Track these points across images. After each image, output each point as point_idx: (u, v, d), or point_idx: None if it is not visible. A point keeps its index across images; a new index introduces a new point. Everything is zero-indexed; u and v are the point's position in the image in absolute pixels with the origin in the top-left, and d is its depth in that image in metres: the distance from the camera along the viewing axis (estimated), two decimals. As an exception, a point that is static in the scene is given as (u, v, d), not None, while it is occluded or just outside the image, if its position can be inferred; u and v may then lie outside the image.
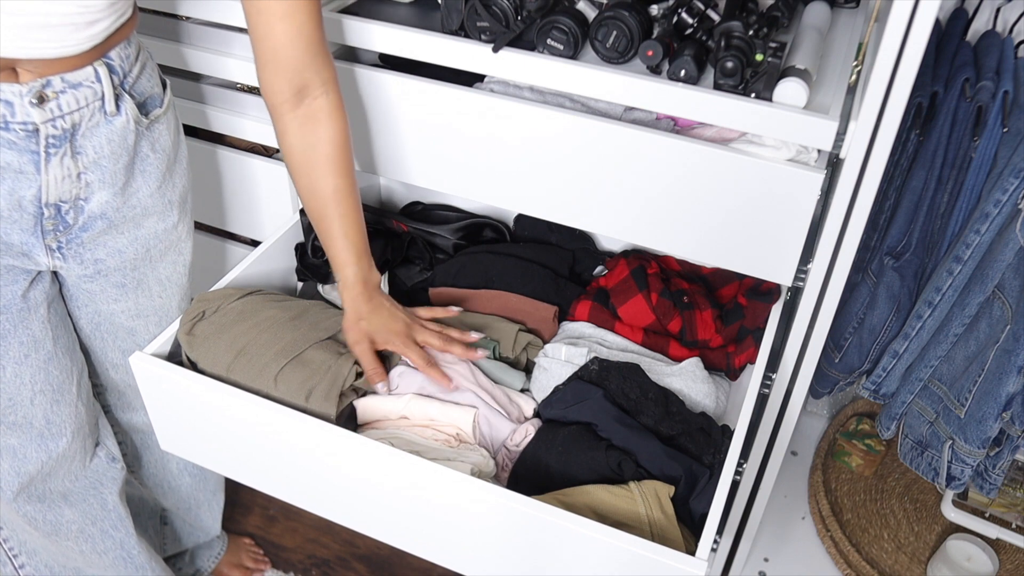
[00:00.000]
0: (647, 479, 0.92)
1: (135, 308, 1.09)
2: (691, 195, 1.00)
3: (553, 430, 0.98)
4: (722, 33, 0.93)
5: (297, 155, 0.98)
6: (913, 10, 0.79)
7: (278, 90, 0.94)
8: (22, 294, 0.96)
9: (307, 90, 0.94)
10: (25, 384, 1.00)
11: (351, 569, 1.58)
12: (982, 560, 1.48)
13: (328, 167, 0.97)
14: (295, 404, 0.96)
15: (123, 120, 0.92)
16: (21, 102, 0.83)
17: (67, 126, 0.87)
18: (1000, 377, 1.13)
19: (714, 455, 0.96)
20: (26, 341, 0.98)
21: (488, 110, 1.04)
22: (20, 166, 0.86)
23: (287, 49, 0.91)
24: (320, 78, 0.94)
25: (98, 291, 1.05)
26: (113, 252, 1.01)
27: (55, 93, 0.84)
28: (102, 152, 0.91)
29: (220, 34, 1.24)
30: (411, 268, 1.18)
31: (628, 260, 1.22)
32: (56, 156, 0.87)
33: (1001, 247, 1.10)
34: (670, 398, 1.01)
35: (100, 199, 0.94)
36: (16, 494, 1.06)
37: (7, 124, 0.83)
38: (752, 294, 1.17)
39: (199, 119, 1.36)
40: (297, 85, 0.93)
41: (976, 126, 1.13)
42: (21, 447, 1.04)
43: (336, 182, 0.98)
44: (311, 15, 0.91)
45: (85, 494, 1.15)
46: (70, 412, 1.07)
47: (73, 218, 0.94)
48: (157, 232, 1.04)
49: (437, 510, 0.91)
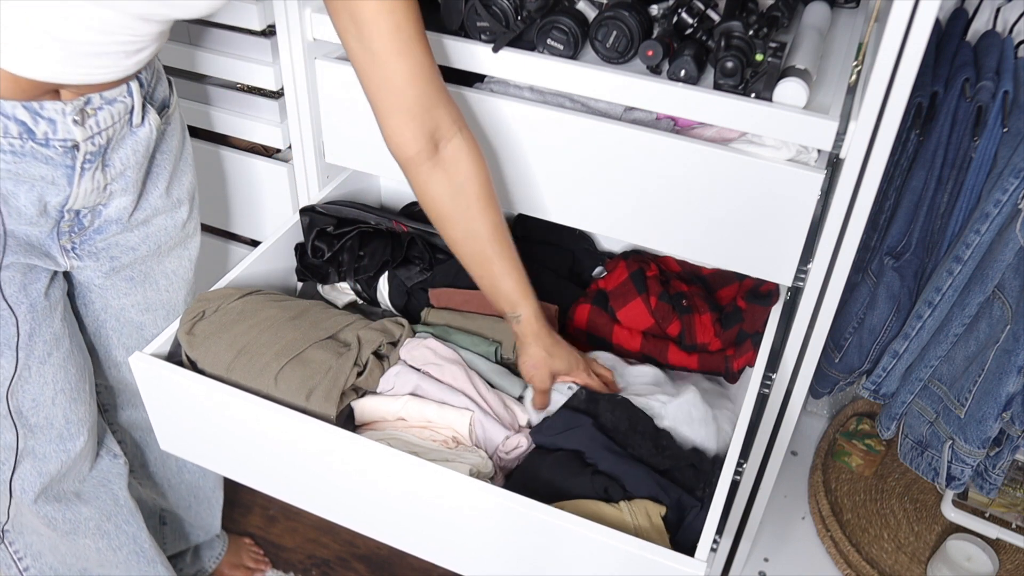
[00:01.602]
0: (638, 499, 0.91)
1: (144, 302, 1.10)
2: (691, 195, 1.00)
3: (541, 456, 0.97)
4: (722, 33, 0.93)
5: (448, 203, 0.93)
6: (913, 10, 0.79)
7: (410, 139, 0.88)
8: (44, 292, 0.97)
9: (439, 131, 0.89)
10: (48, 383, 1.01)
11: (351, 569, 1.58)
12: (982, 560, 1.48)
13: (481, 206, 0.93)
14: (295, 404, 0.96)
15: (147, 130, 0.93)
16: (64, 120, 0.83)
17: (103, 142, 0.88)
18: (1000, 377, 1.13)
19: (704, 488, 0.94)
20: (49, 339, 0.99)
21: (488, 110, 1.04)
22: (53, 179, 0.87)
23: (410, 89, 0.86)
24: (450, 116, 0.90)
25: (110, 287, 1.06)
26: (127, 250, 1.02)
27: (94, 110, 0.85)
28: (128, 163, 0.92)
29: (221, 34, 1.25)
30: (411, 268, 1.17)
31: (627, 263, 1.22)
32: (89, 171, 0.89)
33: (1001, 247, 1.10)
34: (660, 433, 0.98)
35: (118, 205, 0.96)
36: (37, 496, 1.07)
37: (48, 141, 0.83)
38: (751, 297, 1.17)
39: (201, 119, 1.36)
40: (429, 129, 0.88)
41: (976, 126, 1.13)
42: (42, 448, 1.04)
43: (492, 218, 0.94)
44: (426, 50, 0.86)
45: (97, 491, 1.15)
46: (85, 410, 1.07)
47: (89, 221, 0.95)
48: (167, 229, 1.05)
49: (437, 510, 0.91)
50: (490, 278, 0.97)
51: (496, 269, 0.96)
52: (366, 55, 0.85)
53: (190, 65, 1.30)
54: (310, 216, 1.20)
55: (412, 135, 0.88)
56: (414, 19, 0.84)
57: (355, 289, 1.21)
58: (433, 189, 0.92)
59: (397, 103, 0.87)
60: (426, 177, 0.92)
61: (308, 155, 1.27)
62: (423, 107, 0.87)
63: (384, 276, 1.19)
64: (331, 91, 1.14)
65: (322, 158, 1.26)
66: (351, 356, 1.00)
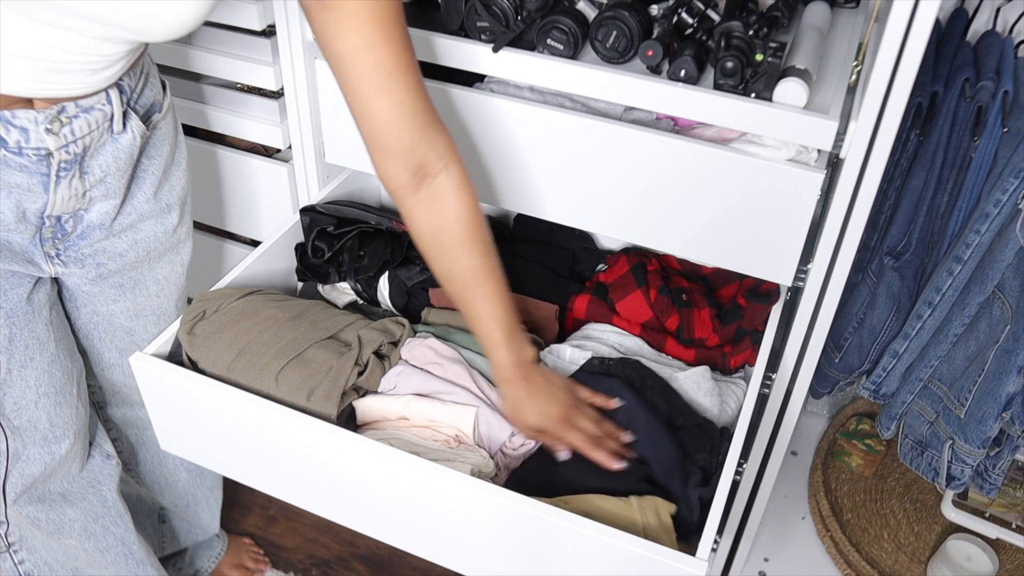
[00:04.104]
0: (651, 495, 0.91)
1: (133, 308, 1.09)
2: (691, 195, 1.00)
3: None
4: (722, 33, 0.93)
5: (427, 238, 0.91)
6: (913, 10, 0.79)
7: (394, 174, 0.87)
8: (26, 298, 0.96)
9: (424, 168, 0.87)
10: (30, 387, 1.00)
11: (351, 569, 1.58)
12: (982, 560, 1.48)
13: (461, 248, 0.90)
14: (296, 404, 0.96)
15: (129, 137, 0.91)
16: (36, 128, 0.82)
17: (78, 150, 0.86)
18: (1000, 377, 1.13)
19: (710, 453, 0.96)
20: (31, 344, 0.99)
21: (488, 110, 1.04)
22: (29, 186, 0.86)
23: (392, 128, 0.84)
24: (436, 152, 0.87)
25: (98, 293, 1.05)
26: (114, 256, 1.01)
27: (68, 119, 0.83)
28: (108, 170, 0.91)
29: (221, 34, 1.25)
30: (411, 268, 1.18)
31: (628, 256, 1.22)
32: (65, 179, 0.87)
33: (1001, 247, 1.10)
34: (670, 390, 1.01)
35: (100, 210, 0.94)
36: (18, 496, 1.07)
37: (20, 149, 0.82)
38: (751, 295, 1.17)
39: (199, 119, 1.36)
40: (413, 166, 0.86)
41: (976, 126, 1.13)
42: (26, 451, 1.04)
43: (471, 262, 0.91)
44: (411, 86, 0.83)
45: (84, 493, 1.15)
46: (72, 414, 1.07)
47: (72, 227, 0.94)
48: (156, 234, 1.03)
49: (437, 510, 0.91)
50: (468, 319, 0.95)
51: (473, 312, 0.93)
52: (348, 92, 0.84)
53: (189, 65, 1.30)
54: (310, 216, 1.20)
55: (396, 170, 0.87)
56: (398, 55, 0.82)
57: (355, 289, 1.21)
58: (415, 223, 0.91)
59: (380, 140, 0.86)
60: (408, 211, 0.90)
61: (308, 155, 1.27)
62: (406, 145, 0.86)
63: (384, 276, 1.19)
64: (331, 91, 1.14)
65: (322, 158, 1.26)
66: (352, 356, 1.00)
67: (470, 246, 0.91)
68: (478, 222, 0.91)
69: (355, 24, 0.79)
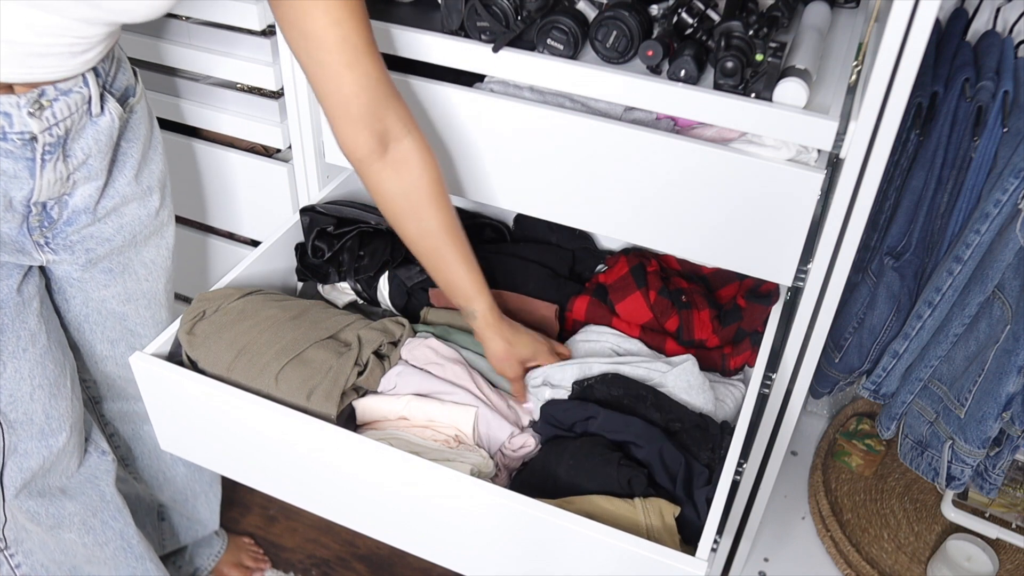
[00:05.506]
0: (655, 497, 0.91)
1: (124, 292, 1.10)
2: (691, 195, 1.00)
3: (563, 442, 0.97)
4: (722, 33, 0.93)
5: (399, 201, 0.96)
6: (913, 10, 0.79)
7: (361, 143, 0.91)
8: (17, 289, 0.97)
9: (389, 134, 0.92)
10: (24, 379, 1.01)
11: (351, 569, 1.58)
12: (982, 560, 1.48)
13: (433, 204, 0.96)
14: (296, 404, 0.96)
15: (107, 119, 0.93)
16: (19, 113, 0.83)
17: (61, 132, 0.88)
18: (1000, 377, 1.13)
19: (712, 451, 0.96)
20: (23, 335, 0.99)
21: (488, 110, 1.04)
22: (15, 172, 0.87)
23: (360, 98, 0.88)
24: (399, 118, 0.92)
25: (89, 279, 1.06)
26: (101, 241, 1.02)
27: (49, 102, 0.85)
28: (89, 152, 0.93)
29: (221, 34, 1.25)
30: (411, 268, 1.18)
31: (628, 257, 1.22)
32: (50, 162, 0.89)
33: (1001, 247, 1.10)
34: (659, 395, 1.01)
35: (83, 193, 0.96)
36: (18, 491, 1.07)
37: (5, 135, 0.84)
38: (751, 296, 1.17)
39: (201, 119, 1.36)
40: (379, 132, 0.91)
41: (976, 126, 1.13)
42: (24, 444, 1.05)
43: (443, 216, 0.97)
44: (375, 57, 0.88)
45: (83, 487, 1.16)
46: (67, 406, 1.08)
47: (57, 213, 0.95)
48: (140, 217, 1.05)
49: (437, 510, 0.91)
50: (445, 272, 1.00)
51: (450, 264, 0.99)
52: (315, 67, 0.87)
53: (190, 65, 1.30)
54: (310, 216, 1.20)
55: (363, 139, 0.91)
56: (362, 29, 0.86)
57: (355, 289, 1.21)
58: (385, 187, 0.95)
59: (347, 111, 0.89)
60: (377, 176, 0.94)
61: (308, 155, 1.27)
62: (372, 114, 0.90)
63: (384, 276, 1.19)
64: (331, 91, 1.14)
65: (322, 158, 1.26)
66: (352, 356, 1.00)
67: (440, 202, 0.96)
68: (442, 181, 0.97)
69: (322, 3, 0.83)
